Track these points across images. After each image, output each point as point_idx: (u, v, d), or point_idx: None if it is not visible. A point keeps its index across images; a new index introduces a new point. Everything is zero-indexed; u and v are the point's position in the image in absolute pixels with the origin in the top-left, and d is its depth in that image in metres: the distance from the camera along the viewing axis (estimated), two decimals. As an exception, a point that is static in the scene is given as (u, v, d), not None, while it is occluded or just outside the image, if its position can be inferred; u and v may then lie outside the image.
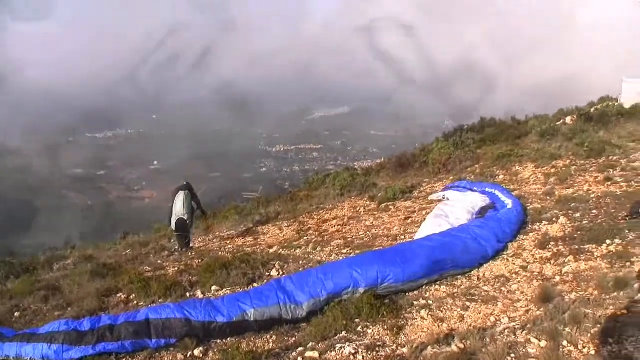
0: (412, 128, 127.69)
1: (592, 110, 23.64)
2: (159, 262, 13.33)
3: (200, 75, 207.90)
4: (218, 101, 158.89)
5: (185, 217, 14.92)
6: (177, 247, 15.18)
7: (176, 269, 11.79)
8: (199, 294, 9.66)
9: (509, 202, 12.09)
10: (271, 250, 13.25)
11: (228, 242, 16.08)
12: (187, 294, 9.67)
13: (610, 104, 25.01)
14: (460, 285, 8.80)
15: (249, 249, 13.85)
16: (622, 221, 10.14)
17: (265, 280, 9.80)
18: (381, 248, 11.32)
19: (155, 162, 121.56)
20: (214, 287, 9.79)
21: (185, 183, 15.48)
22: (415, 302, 8.09)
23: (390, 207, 16.09)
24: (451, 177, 18.40)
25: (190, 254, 14.07)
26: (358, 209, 16.90)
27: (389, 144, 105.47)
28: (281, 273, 10.37)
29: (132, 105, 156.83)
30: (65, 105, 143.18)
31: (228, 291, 9.50)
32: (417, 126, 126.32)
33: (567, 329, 6.05)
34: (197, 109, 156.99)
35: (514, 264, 9.35)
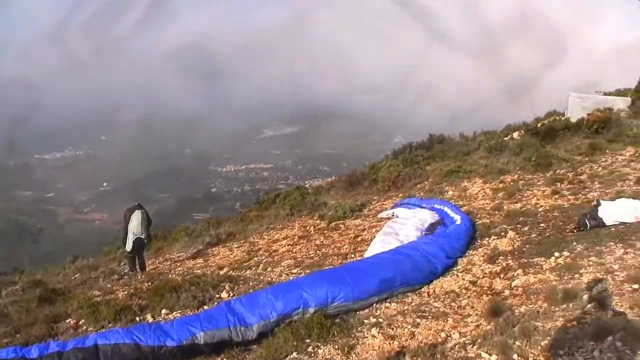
0: (363, 145, 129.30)
1: (539, 125, 24.12)
2: (108, 286, 13.13)
3: (150, 97, 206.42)
4: (167, 121, 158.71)
5: (143, 237, 14.85)
6: (127, 270, 15.02)
7: (126, 292, 11.60)
8: (148, 317, 9.51)
9: (457, 218, 12.22)
10: (221, 272, 13.19)
11: (178, 264, 16.05)
12: (137, 318, 9.52)
13: (557, 118, 25.58)
14: (411, 302, 8.84)
15: (199, 271, 13.76)
16: (569, 233, 10.35)
17: (215, 303, 9.70)
18: (331, 267, 11.31)
19: (105, 184, 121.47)
20: (163, 311, 9.65)
21: (137, 204, 15.30)
22: (365, 321, 8.08)
23: (340, 225, 16.14)
24: (400, 195, 18.55)
25: (140, 277, 13.89)
26: (308, 228, 16.93)
27: (339, 162, 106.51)
28: (231, 295, 10.28)
29: (81, 125, 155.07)
30: (11, 125, 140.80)
31: (178, 314, 9.38)
32: (368, 144, 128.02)
33: (518, 343, 6.11)
34: (147, 129, 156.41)
35: (464, 279, 9.46)
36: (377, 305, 8.78)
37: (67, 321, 9.81)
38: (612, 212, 10.38)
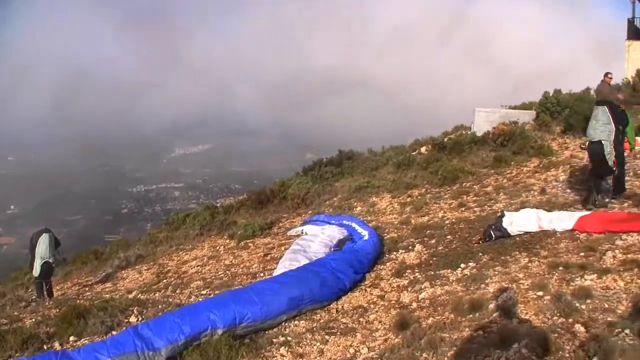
0: (275, 163, 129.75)
1: (446, 139, 24.76)
2: (15, 313, 12.53)
3: (60, 116, 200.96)
4: (77, 142, 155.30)
5: (52, 261, 14.49)
6: (35, 297, 14.53)
7: (33, 320, 11.11)
8: (56, 345, 9.15)
9: (365, 234, 12.35)
10: (130, 296, 12.96)
11: (87, 289, 15.69)
12: (45, 346, 9.14)
13: (464, 132, 26.33)
14: (320, 319, 8.89)
15: (108, 296, 13.44)
16: (475, 245, 10.63)
17: (124, 328, 9.44)
18: (240, 287, 11.24)
19: (13, 207, 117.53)
20: (72, 338, 9.30)
21: (44, 228, 14.90)
22: (274, 340, 8.06)
23: (250, 244, 16.10)
24: (310, 211, 18.63)
25: (47, 303, 13.36)
26: (218, 248, 16.84)
27: (251, 180, 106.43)
28: (140, 319, 10.04)
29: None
30: None
31: (86, 341, 9.07)
32: (280, 161, 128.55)
33: (425, 355, 6.22)
34: (56, 150, 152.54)
35: (372, 293, 9.57)
36: (286, 324, 8.77)
37: (-27, 353, 9.38)
38: (516, 222, 10.74)
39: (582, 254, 9.15)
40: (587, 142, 12.56)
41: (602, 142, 11.82)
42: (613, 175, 12.10)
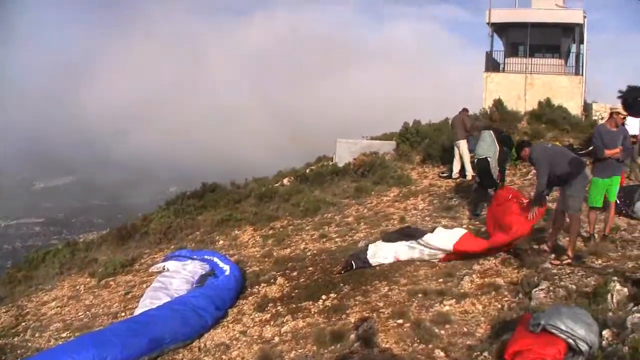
0: (140, 196, 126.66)
1: (308, 170, 25.09)
2: None
3: None
4: None
5: None
6: None
7: None
8: None
9: (226, 268, 12.31)
10: (-13, 341, 12.20)
11: None
12: None
13: (326, 163, 26.78)
14: (182, 358, 8.88)
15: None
16: (336, 275, 10.82)
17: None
18: (100, 328, 10.89)
19: None
20: None
21: None
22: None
23: (111, 282, 15.57)
24: (172, 247, 18.30)
25: None
26: (78, 287, 16.12)
27: (115, 214, 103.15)
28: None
29: None
30: None
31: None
32: (145, 194, 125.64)
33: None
34: None
35: (234, 329, 9.57)
36: (148, 365, 8.60)
37: None
38: (376, 253, 11.05)
39: (441, 279, 9.58)
40: (475, 159, 15.45)
41: (488, 159, 14.54)
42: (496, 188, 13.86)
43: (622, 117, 10.36)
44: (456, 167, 19.53)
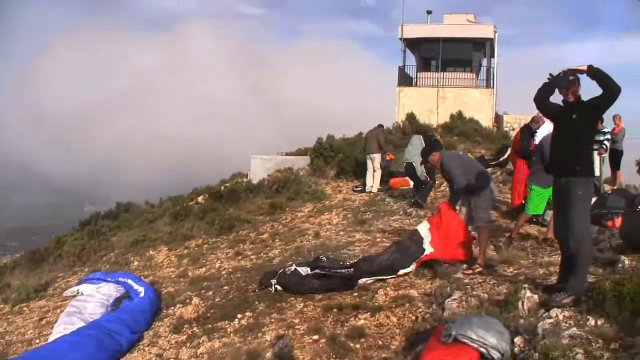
0: (57, 216, 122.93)
1: (223, 187, 25.07)
2: None
3: None
4: None
5: None
6: None
7: None
8: None
9: (141, 290, 12.17)
10: None
11: None
12: None
13: (241, 180, 26.83)
14: (96, 385, 8.65)
15: None
16: (252, 293, 10.85)
17: None
18: (14, 357, 10.63)
19: None
20: None
21: None
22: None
23: (25, 308, 15.14)
24: (86, 269, 17.94)
25: None
26: (-9, 315, 15.64)
27: (29, 236, 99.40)
28: None
29: None
30: None
31: None
32: (62, 214, 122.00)
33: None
34: None
35: (150, 352, 9.45)
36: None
37: None
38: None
39: (356, 294, 9.74)
40: (404, 163, 17.59)
41: (413, 163, 16.57)
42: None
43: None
44: (369, 181, 19.98)
